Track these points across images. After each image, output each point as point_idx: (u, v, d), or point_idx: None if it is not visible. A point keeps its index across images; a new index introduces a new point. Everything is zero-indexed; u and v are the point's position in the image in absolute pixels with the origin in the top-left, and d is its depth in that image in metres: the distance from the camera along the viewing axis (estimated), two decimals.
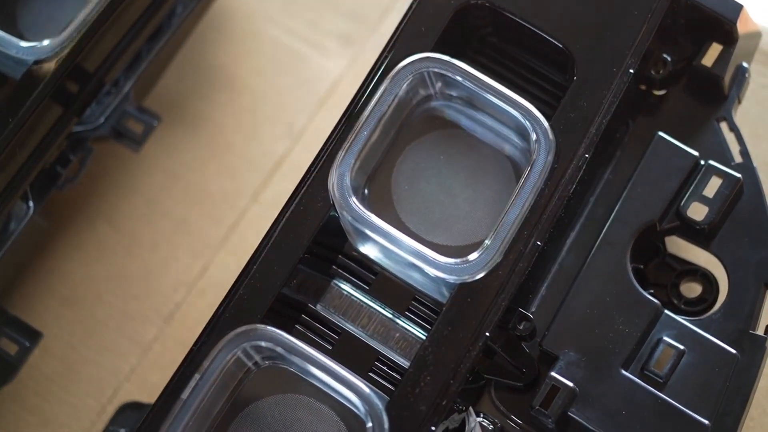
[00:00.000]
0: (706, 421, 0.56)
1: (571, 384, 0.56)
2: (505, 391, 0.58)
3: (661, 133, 0.61)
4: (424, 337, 0.56)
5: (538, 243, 0.56)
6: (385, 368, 0.58)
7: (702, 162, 0.60)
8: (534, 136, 0.57)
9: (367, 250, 0.59)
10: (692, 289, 0.62)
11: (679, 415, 0.56)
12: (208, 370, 0.55)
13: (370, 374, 0.58)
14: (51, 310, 0.71)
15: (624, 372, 0.57)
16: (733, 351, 0.57)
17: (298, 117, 0.75)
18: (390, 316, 0.59)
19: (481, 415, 0.58)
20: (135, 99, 0.70)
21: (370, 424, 0.54)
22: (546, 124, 0.57)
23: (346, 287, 0.59)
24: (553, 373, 0.56)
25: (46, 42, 0.62)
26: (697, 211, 0.59)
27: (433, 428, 0.54)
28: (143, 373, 0.69)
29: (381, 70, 0.59)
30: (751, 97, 0.67)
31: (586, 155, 0.57)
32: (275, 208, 0.57)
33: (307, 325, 0.59)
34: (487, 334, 0.55)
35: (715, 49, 0.62)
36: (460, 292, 0.55)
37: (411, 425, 0.54)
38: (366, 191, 0.60)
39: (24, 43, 0.62)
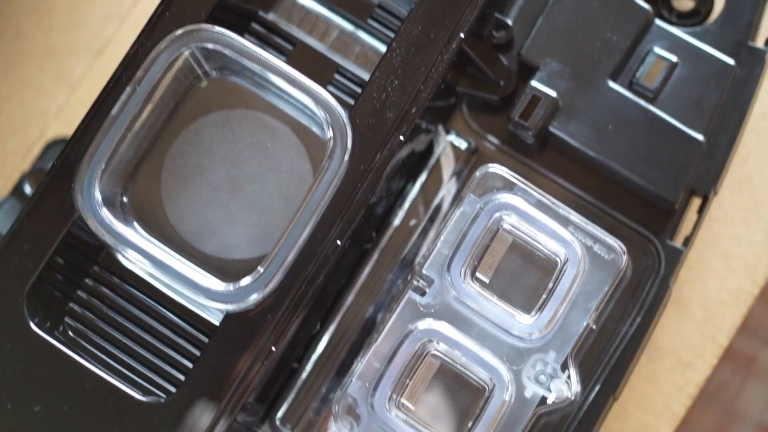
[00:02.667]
0: (701, 137, 0.51)
1: (553, 93, 0.50)
2: (479, 110, 0.53)
3: None
4: None
5: None
6: (345, 81, 0.52)
7: None
8: None
9: None
10: (683, 4, 0.57)
11: (671, 130, 0.51)
12: (145, 78, 0.48)
13: (329, 88, 0.51)
14: None
15: (611, 84, 0.51)
16: (731, 62, 0.52)
17: None
18: (351, 28, 0.52)
19: (453, 133, 0.52)
20: None
21: (330, 135, 0.48)
22: None
23: None
24: (533, 83, 0.51)
25: None
26: None
27: (401, 138, 0.48)
28: (73, 111, 0.62)
29: None
30: None
31: None
32: None
33: (257, 34, 0.52)
34: (462, 35, 0.49)
35: None
36: None
37: (376, 133, 0.48)
38: None
39: None
